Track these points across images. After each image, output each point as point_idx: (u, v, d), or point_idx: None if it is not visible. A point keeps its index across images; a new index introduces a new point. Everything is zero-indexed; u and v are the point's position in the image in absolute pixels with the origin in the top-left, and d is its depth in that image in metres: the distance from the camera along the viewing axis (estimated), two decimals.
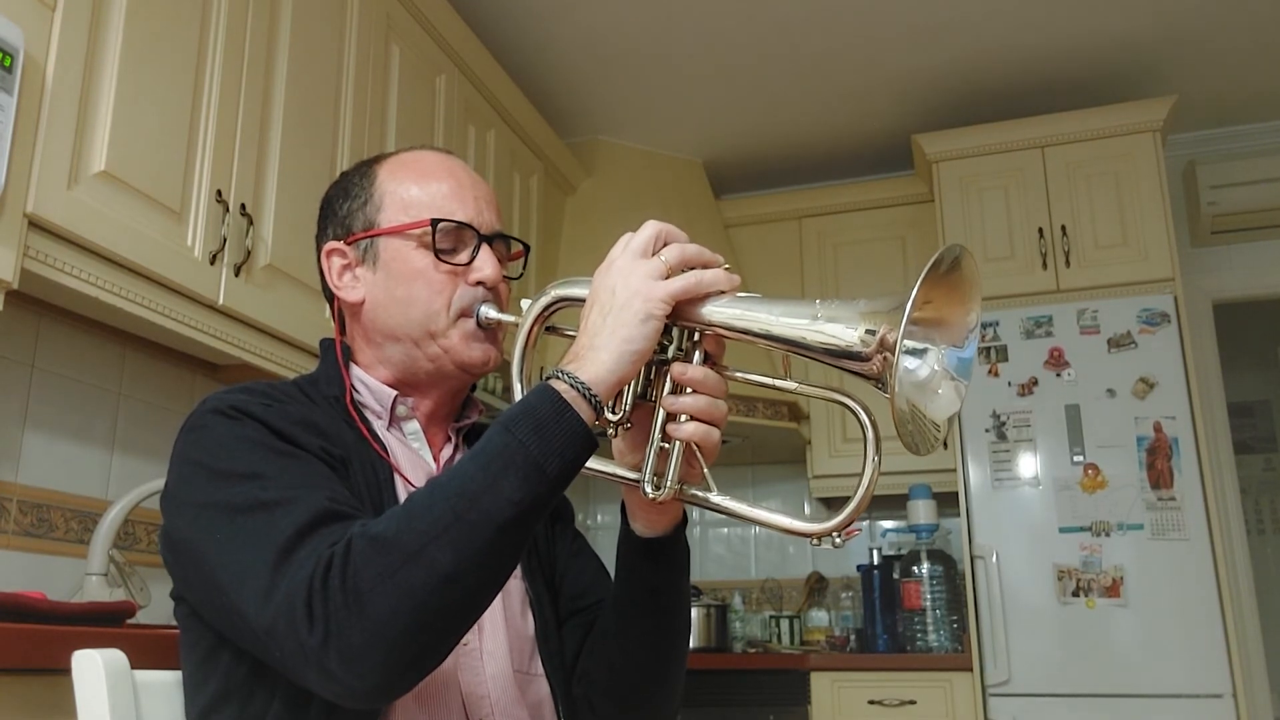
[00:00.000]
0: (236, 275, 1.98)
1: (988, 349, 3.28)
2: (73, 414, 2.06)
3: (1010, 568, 3.11)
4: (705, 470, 0.97)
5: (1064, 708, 2.97)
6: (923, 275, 0.82)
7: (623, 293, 0.91)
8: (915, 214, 3.90)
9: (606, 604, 1.13)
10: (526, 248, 1.20)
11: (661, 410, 0.95)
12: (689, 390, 0.94)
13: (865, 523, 4.03)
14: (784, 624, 3.72)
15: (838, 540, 0.91)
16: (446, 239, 1.10)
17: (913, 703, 3.14)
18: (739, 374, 0.98)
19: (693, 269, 0.93)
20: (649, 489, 0.96)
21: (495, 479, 0.83)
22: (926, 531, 3.48)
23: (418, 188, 1.12)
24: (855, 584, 3.74)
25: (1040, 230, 3.43)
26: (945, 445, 0.89)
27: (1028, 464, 3.18)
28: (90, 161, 1.68)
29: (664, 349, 0.96)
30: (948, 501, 3.48)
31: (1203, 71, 3.52)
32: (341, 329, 1.17)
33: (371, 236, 1.11)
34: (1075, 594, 3.04)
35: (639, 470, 0.98)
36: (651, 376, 0.98)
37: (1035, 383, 3.23)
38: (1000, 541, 3.13)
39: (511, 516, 0.83)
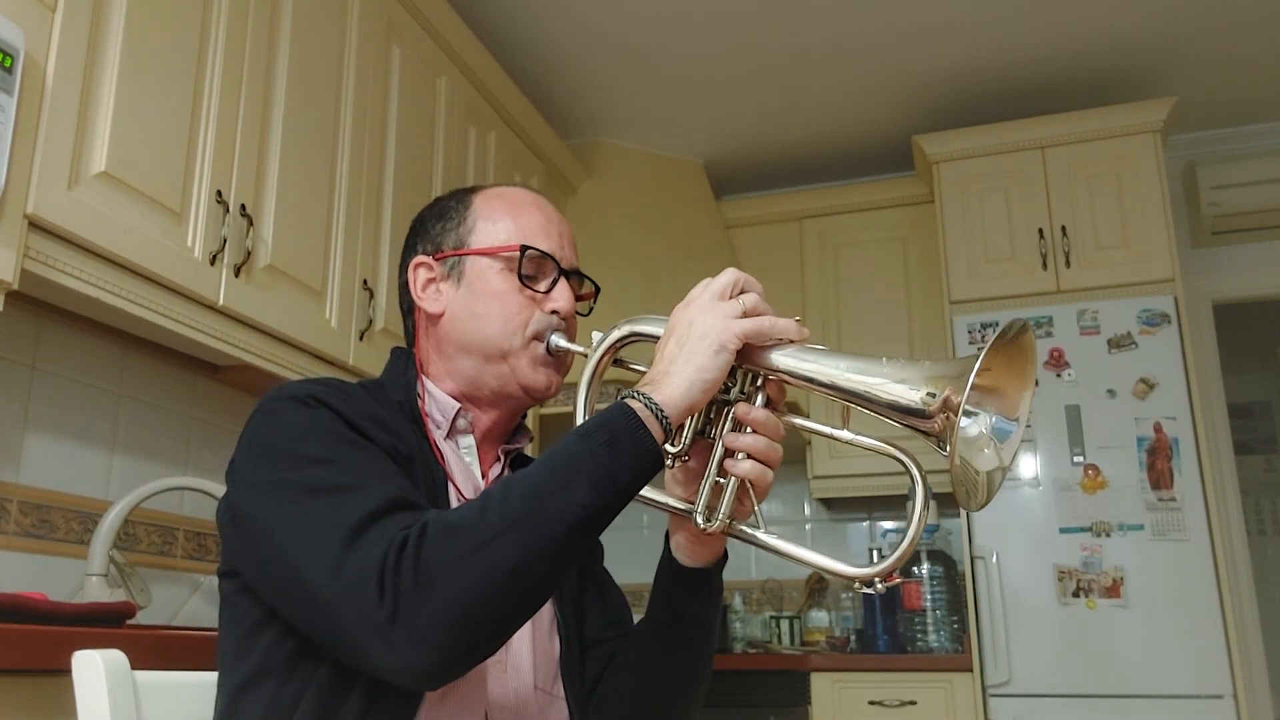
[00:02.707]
0: (236, 276, 1.97)
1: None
2: (73, 414, 2.06)
3: (1010, 568, 3.11)
4: (756, 508, 1.01)
5: (1064, 708, 2.97)
6: (988, 345, 0.89)
7: (699, 326, 0.97)
8: (916, 215, 3.90)
9: (630, 636, 1.17)
10: (598, 289, 1.27)
11: (721, 446, 1.00)
12: (749, 430, 0.99)
13: (865, 523, 4.03)
14: (784, 624, 3.72)
15: (879, 586, 0.95)
16: (530, 266, 1.16)
17: (913, 703, 3.14)
18: (797, 420, 1.03)
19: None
20: (700, 520, 1.01)
21: (568, 482, 0.88)
22: (927, 532, 3.48)
23: (509, 218, 1.18)
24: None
25: (1040, 231, 3.43)
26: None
27: (1028, 464, 3.18)
28: (90, 162, 1.68)
29: (727, 390, 1.01)
30: (948, 502, 3.48)
31: (1203, 73, 3.52)
32: (409, 343, 1.22)
33: (461, 255, 1.17)
34: (1075, 594, 3.04)
35: (688, 503, 1.03)
36: (712, 415, 1.03)
37: (1035, 383, 3.22)
38: (1000, 542, 3.13)
39: (580, 520, 0.87)
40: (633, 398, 0.93)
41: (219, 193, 1.94)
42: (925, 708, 3.13)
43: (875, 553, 3.55)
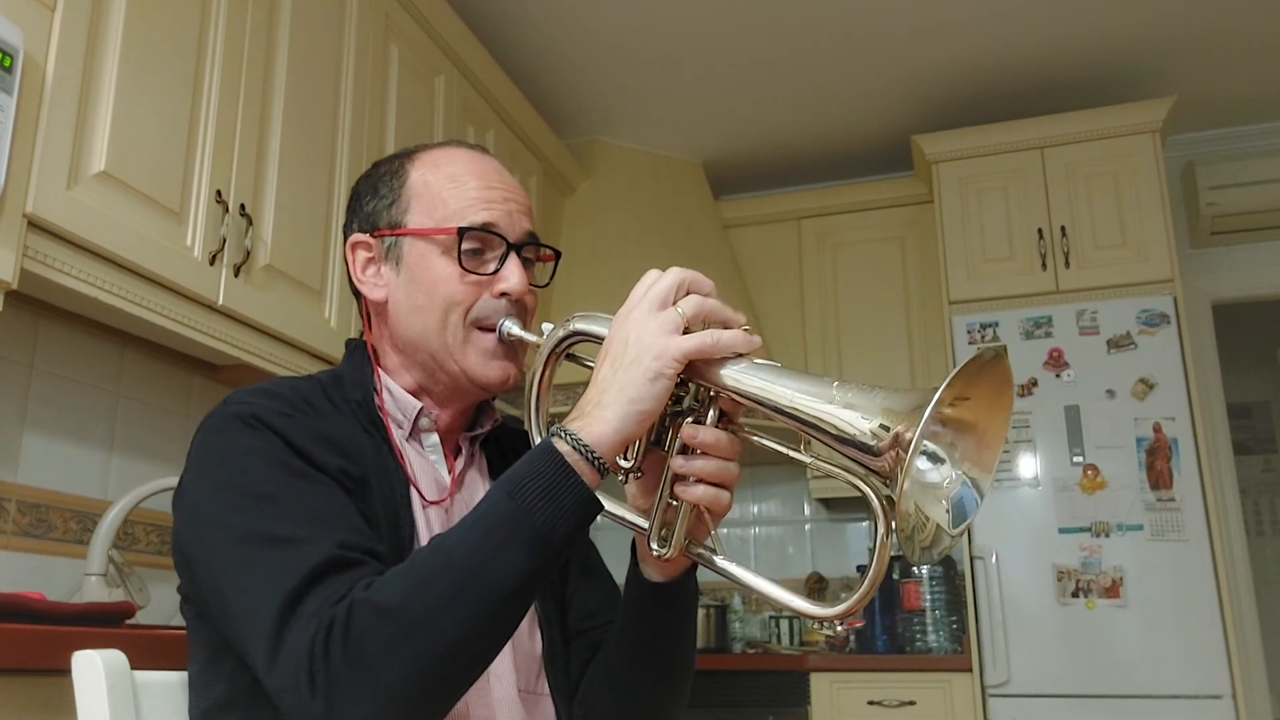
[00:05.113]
0: (236, 276, 1.97)
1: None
2: (72, 414, 2.06)
3: (1010, 568, 3.11)
4: (713, 531, 0.95)
5: (1063, 708, 2.97)
6: (950, 377, 0.79)
7: (635, 347, 0.88)
8: (914, 215, 3.90)
9: (613, 630, 1.11)
10: (557, 254, 1.17)
11: (671, 470, 0.93)
12: (700, 451, 0.92)
13: (865, 523, 4.03)
14: (783, 624, 3.71)
15: (839, 627, 0.90)
16: (473, 245, 1.06)
17: (912, 703, 3.14)
18: (755, 438, 0.94)
19: (711, 325, 0.91)
20: (655, 544, 0.95)
21: (501, 549, 0.83)
22: None
23: (446, 190, 1.08)
24: (855, 584, 3.71)
25: (1040, 231, 3.43)
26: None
27: (1027, 465, 3.18)
28: (90, 162, 1.68)
29: (679, 400, 0.93)
30: None
31: (1202, 72, 3.52)
32: (369, 326, 1.14)
33: (396, 235, 1.08)
34: (1075, 595, 3.04)
35: (649, 517, 0.96)
36: (665, 425, 0.95)
37: (1035, 383, 3.23)
38: (1000, 542, 3.13)
39: (518, 585, 0.83)
40: (560, 437, 0.86)
41: (218, 192, 1.94)
42: (924, 708, 3.13)
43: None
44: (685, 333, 0.89)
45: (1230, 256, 3.82)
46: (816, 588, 3.87)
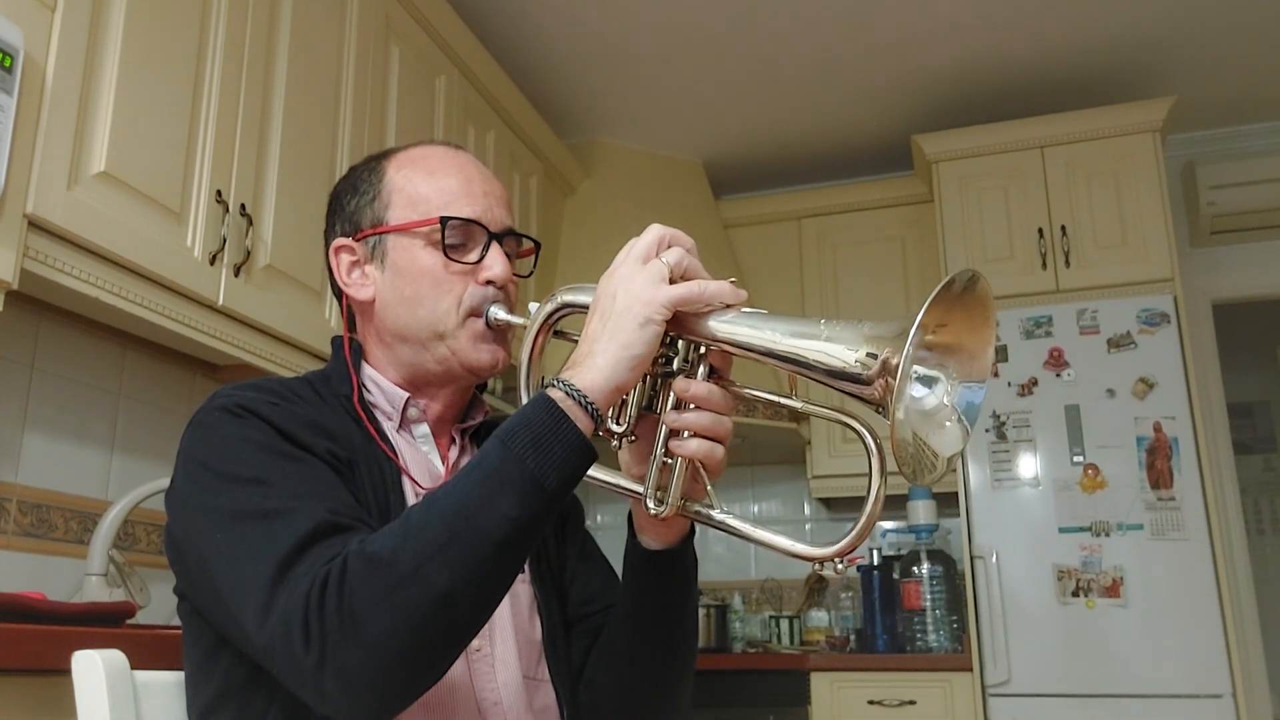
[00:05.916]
0: (236, 275, 1.97)
1: None
2: (72, 414, 2.06)
3: (1010, 568, 3.11)
4: (709, 487, 0.95)
5: (1064, 708, 2.97)
6: (929, 299, 0.79)
7: (623, 298, 0.89)
8: (915, 214, 3.90)
9: (614, 612, 1.11)
10: (537, 245, 1.19)
11: (665, 425, 0.94)
12: (692, 406, 0.92)
13: None
14: (784, 624, 3.72)
15: (840, 566, 0.90)
16: (456, 236, 1.08)
17: (912, 703, 3.14)
18: (746, 390, 0.96)
19: (696, 277, 0.93)
20: (651, 504, 0.95)
21: (492, 496, 0.82)
22: (926, 532, 3.48)
23: (426, 184, 1.10)
24: (855, 584, 3.74)
25: (1040, 230, 3.43)
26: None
27: (1027, 464, 3.18)
28: (90, 162, 1.68)
29: (669, 361, 0.94)
30: (947, 502, 3.48)
31: (1202, 72, 3.52)
32: (351, 326, 1.15)
33: (380, 234, 1.10)
34: (1075, 594, 3.04)
35: (644, 482, 0.96)
36: (657, 388, 0.97)
37: (1035, 383, 3.23)
38: (1000, 542, 3.13)
39: (509, 534, 0.82)
40: (554, 386, 0.87)
41: (219, 192, 1.94)
42: (924, 707, 3.13)
43: (875, 553, 3.55)
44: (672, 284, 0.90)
45: (1230, 256, 3.82)
46: (817, 587, 3.87)
